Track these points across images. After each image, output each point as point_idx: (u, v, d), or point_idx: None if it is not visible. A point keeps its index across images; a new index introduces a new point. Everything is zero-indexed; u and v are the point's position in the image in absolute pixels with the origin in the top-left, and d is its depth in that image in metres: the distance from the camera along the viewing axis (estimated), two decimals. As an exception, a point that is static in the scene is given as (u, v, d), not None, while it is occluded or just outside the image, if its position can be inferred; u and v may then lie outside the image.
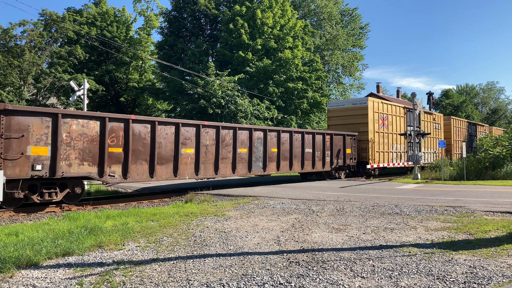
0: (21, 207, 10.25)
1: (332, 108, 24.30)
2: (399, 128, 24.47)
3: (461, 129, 32.69)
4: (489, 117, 79.88)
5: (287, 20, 30.78)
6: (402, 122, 24.84)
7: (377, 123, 22.49)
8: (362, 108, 22.43)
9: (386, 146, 23.16)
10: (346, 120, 23.09)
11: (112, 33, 34.13)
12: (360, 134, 22.09)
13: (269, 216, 8.89)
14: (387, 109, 23.72)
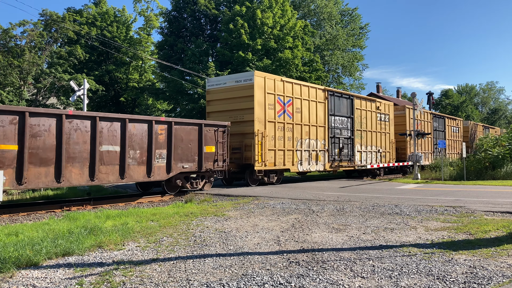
0: None
1: (213, 89, 17.06)
2: (314, 117, 18.30)
3: (424, 122, 27.87)
4: (489, 117, 79.88)
5: (287, 20, 30.76)
6: (321, 110, 18.73)
7: (272, 109, 16.16)
8: (246, 87, 15.75)
9: (290, 143, 16.93)
10: (229, 105, 16.37)
11: (112, 33, 34.11)
12: (243, 125, 15.76)
13: (269, 216, 8.89)
14: (293, 91, 17.23)
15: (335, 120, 19.83)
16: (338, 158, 19.81)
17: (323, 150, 18.93)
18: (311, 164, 18.24)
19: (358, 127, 21.28)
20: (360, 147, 21.40)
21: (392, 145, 24.12)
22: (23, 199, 13.14)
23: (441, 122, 31.21)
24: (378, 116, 23.09)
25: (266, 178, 16.26)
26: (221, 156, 14.18)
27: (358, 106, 21.36)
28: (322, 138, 18.91)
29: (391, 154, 24.11)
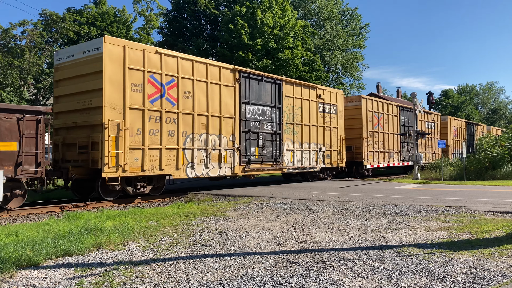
0: None
1: (61, 64, 12.54)
2: (217, 106, 13.95)
3: (387, 116, 24.02)
4: (489, 117, 79.90)
5: (287, 20, 30.76)
6: (229, 97, 14.43)
7: (139, 92, 11.79)
8: (95, 60, 11.37)
9: (173, 139, 12.58)
10: (77, 86, 11.95)
11: (112, 33, 34.09)
12: (91, 113, 11.47)
13: (269, 216, 8.89)
14: (178, 68, 12.85)
15: (252, 111, 15.30)
16: (258, 159, 15.48)
17: (231, 149, 14.39)
18: (211, 168, 13.83)
19: (289, 120, 17.13)
20: (292, 145, 17.16)
21: (341, 143, 20.08)
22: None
23: (412, 116, 26.43)
24: (321, 107, 18.78)
25: (130, 188, 11.81)
26: (31, 158, 9.98)
27: (290, 93, 17.17)
28: (230, 133, 14.37)
29: (340, 154, 20.05)
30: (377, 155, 23.03)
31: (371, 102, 22.80)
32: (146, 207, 11.12)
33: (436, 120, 31.04)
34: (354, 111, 21.95)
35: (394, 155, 24.81)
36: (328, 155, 19.41)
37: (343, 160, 20.29)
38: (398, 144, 25.16)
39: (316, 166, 18.52)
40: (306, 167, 18.00)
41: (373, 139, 22.52)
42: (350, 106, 22.00)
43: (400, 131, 24.94)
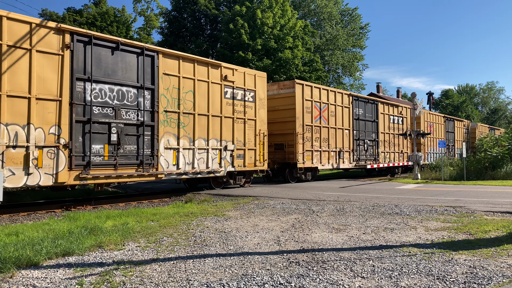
0: None
1: None
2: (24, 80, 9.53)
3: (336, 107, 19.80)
4: (489, 117, 79.92)
5: (287, 20, 30.76)
6: (51, 69, 10.03)
7: None
8: None
9: None
10: None
11: (112, 33, 34.11)
12: None
13: (269, 216, 8.89)
14: None
15: (98, 92, 10.91)
16: (109, 161, 10.99)
17: (53, 147, 9.94)
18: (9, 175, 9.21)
19: (172, 107, 12.68)
20: (177, 142, 12.73)
21: (261, 139, 15.72)
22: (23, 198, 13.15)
23: (371, 109, 22.50)
24: (229, 92, 14.50)
25: None
26: None
27: (172, 71, 12.68)
28: (52, 123, 10.03)
29: (259, 153, 15.61)
30: (319, 154, 18.65)
31: (310, 89, 18.41)
32: (146, 207, 11.12)
33: (406, 114, 26.41)
34: (287, 100, 17.75)
35: (345, 154, 20.34)
36: (240, 155, 14.82)
37: (264, 161, 15.82)
38: (351, 141, 20.79)
39: (218, 170, 13.99)
40: (202, 172, 13.46)
41: (312, 135, 18.27)
42: (283, 94, 17.88)
43: (354, 126, 20.93)
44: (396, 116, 25.18)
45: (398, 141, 25.11)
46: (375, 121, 23.11)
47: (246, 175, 15.71)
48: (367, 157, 22.17)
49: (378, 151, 23.03)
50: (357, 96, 21.87)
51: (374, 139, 22.88)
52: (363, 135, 21.89)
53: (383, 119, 23.77)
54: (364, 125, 22.12)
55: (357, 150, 21.28)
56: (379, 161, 23.06)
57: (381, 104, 23.79)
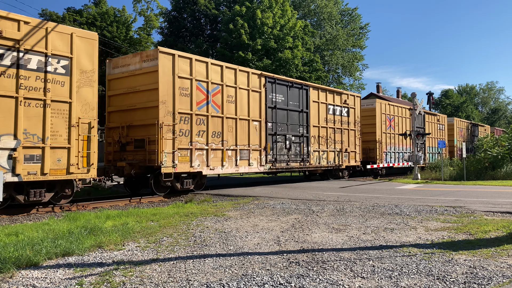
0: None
1: None
2: None
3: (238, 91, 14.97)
4: (489, 117, 79.95)
5: (287, 20, 30.78)
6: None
7: None
8: None
9: None
10: None
11: (112, 33, 34.11)
12: None
13: (269, 216, 8.89)
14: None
15: None
16: None
17: None
18: None
19: None
20: None
21: (83, 132, 10.60)
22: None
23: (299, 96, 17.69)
24: None
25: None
26: None
27: None
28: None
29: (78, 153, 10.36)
30: (204, 154, 13.54)
31: (189, 63, 13.25)
32: (146, 207, 11.12)
33: (353, 104, 21.12)
34: (150, 77, 12.66)
35: (253, 154, 15.41)
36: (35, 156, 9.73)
37: (90, 166, 10.67)
38: (263, 137, 15.80)
39: None
40: None
41: (192, 128, 13.21)
42: (146, 69, 12.78)
43: (269, 117, 16.08)
44: (338, 106, 19.97)
45: (341, 137, 20.01)
46: (304, 112, 17.95)
47: (52, 188, 10.51)
48: (290, 157, 17.15)
49: (308, 149, 17.85)
50: (273, 78, 16.51)
51: (302, 135, 17.81)
52: (283, 128, 16.85)
53: (317, 109, 18.65)
54: (286, 116, 17.04)
55: (274, 149, 16.17)
56: (309, 162, 18.01)
57: (313, 90, 18.61)
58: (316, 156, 18.65)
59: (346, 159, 20.54)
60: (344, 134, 20.47)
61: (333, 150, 19.68)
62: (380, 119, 23.57)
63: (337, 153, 19.88)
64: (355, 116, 21.44)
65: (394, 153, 24.94)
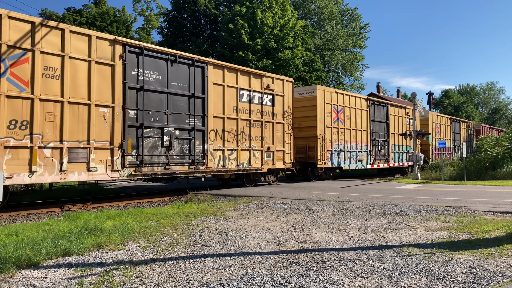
0: None
1: None
2: None
3: None
4: (489, 117, 79.94)
5: (287, 20, 30.78)
6: None
7: None
8: None
9: None
10: None
11: (112, 33, 34.14)
12: None
13: (269, 216, 8.89)
14: None
15: None
16: None
17: None
18: None
19: None
20: None
21: None
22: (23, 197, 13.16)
23: (189, 77, 13.20)
24: None
25: None
26: None
27: None
28: None
29: None
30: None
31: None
32: (146, 207, 11.12)
33: (280, 90, 16.61)
34: None
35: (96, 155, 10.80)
36: None
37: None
38: (119, 131, 11.34)
39: None
40: None
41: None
42: None
43: (130, 102, 11.53)
44: (257, 92, 15.52)
45: (262, 132, 15.69)
46: (198, 97, 13.36)
47: None
48: (172, 158, 12.50)
49: (205, 148, 13.46)
50: (139, 47, 11.89)
51: (194, 128, 13.12)
52: (159, 119, 12.26)
53: (220, 95, 14.11)
54: (164, 102, 12.43)
55: (139, 147, 11.77)
56: (206, 164, 13.49)
57: (215, 69, 13.97)
58: (218, 157, 13.95)
59: (270, 160, 15.98)
60: (267, 128, 15.90)
61: (248, 148, 15.05)
62: (322, 111, 18.95)
63: (254, 153, 15.34)
64: (285, 106, 16.68)
65: (344, 152, 20.13)
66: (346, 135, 20.38)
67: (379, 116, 23.09)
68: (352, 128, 20.90)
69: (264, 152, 15.80)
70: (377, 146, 22.63)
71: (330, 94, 19.61)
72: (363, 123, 21.65)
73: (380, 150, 22.87)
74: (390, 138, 23.86)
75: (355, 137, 21.03)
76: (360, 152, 21.30)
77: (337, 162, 19.75)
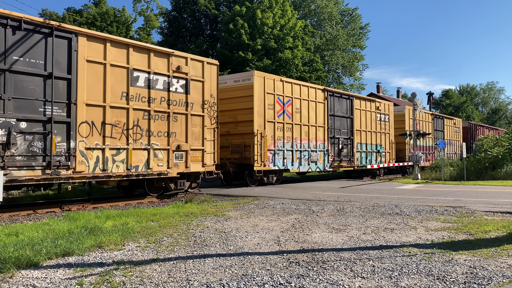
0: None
1: None
2: None
3: None
4: (489, 117, 79.94)
5: (287, 20, 30.78)
6: None
7: None
8: None
9: None
10: None
11: (112, 33, 34.13)
12: None
13: (269, 216, 8.89)
14: None
15: None
16: None
17: None
18: None
19: None
20: None
21: None
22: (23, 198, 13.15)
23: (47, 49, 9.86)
24: None
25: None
26: None
27: None
28: None
29: None
30: None
31: None
32: (146, 207, 11.12)
33: (201, 75, 13.23)
34: None
35: None
36: None
37: None
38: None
39: None
40: None
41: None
42: None
43: None
44: (161, 75, 12.20)
45: (169, 126, 12.33)
46: (58, 78, 10.04)
47: None
48: (15, 160, 9.25)
49: (70, 146, 10.19)
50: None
51: (51, 119, 9.83)
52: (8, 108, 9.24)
53: (100, 76, 10.83)
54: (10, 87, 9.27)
55: None
56: (73, 168, 10.19)
57: (89, 41, 10.64)
58: (95, 158, 10.65)
59: (181, 162, 12.66)
60: (177, 121, 12.54)
61: (146, 147, 11.73)
62: (262, 102, 15.78)
63: (156, 153, 11.99)
64: (205, 95, 13.32)
65: (292, 151, 17.05)
66: (295, 132, 17.23)
67: (341, 110, 19.90)
68: (303, 124, 17.64)
69: (172, 151, 12.36)
70: (338, 145, 19.49)
71: (274, 83, 16.36)
72: (318, 118, 18.48)
73: (342, 149, 19.75)
74: (355, 136, 20.61)
75: (307, 134, 17.84)
76: (314, 152, 18.19)
77: (283, 164, 16.69)
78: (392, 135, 23.45)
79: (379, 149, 22.30)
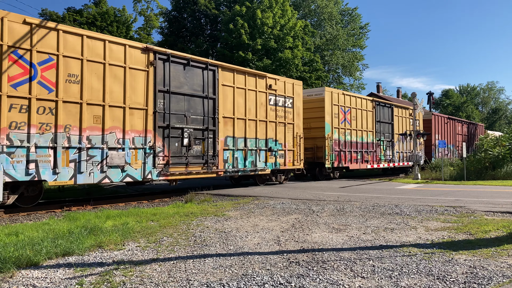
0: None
1: None
2: None
3: None
4: (489, 117, 79.94)
5: (287, 20, 30.77)
6: None
7: None
8: None
9: None
10: None
11: (112, 33, 34.13)
12: None
13: (269, 216, 8.89)
14: None
15: None
16: None
17: None
18: None
19: None
20: None
21: None
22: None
23: None
24: None
25: None
26: None
27: None
28: None
29: None
30: None
31: None
32: (146, 207, 11.12)
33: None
34: None
35: None
36: None
37: None
38: None
39: None
40: None
41: None
42: None
43: None
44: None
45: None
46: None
47: None
48: None
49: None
50: None
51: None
52: None
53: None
54: None
55: None
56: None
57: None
58: None
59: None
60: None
61: None
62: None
63: None
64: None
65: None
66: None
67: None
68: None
69: None
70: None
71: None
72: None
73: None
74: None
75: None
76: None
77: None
78: (299, 126, 17.54)
79: (271, 145, 16.13)
